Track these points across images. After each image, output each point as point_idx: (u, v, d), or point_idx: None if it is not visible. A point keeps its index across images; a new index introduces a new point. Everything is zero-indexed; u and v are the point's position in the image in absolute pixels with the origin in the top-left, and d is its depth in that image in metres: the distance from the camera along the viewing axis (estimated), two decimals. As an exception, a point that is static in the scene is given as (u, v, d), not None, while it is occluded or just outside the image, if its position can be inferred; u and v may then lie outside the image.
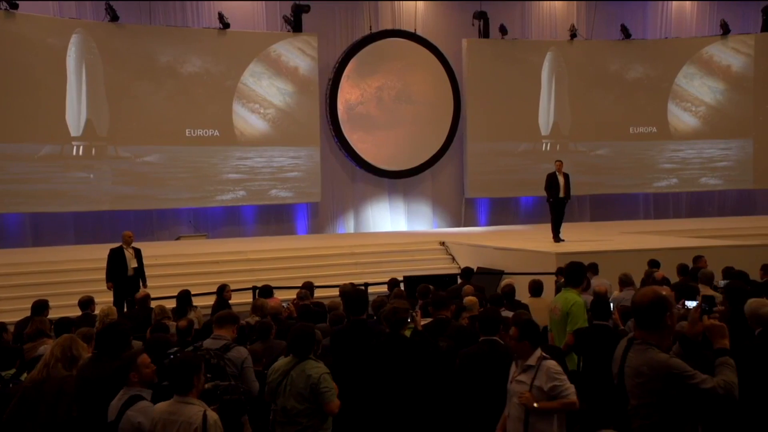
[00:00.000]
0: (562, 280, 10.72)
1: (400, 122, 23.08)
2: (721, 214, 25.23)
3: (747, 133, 24.87)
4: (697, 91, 24.84)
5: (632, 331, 6.42)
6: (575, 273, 7.40)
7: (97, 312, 9.84)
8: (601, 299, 7.17)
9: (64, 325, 7.98)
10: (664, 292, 4.06)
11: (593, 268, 11.82)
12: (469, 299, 8.56)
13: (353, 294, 6.55)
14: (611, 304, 7.59)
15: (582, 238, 16.69)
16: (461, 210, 24.05)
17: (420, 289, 9.51)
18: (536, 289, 9.94)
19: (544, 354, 5.23)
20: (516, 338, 5.21)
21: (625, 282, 10.03)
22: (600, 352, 6.24)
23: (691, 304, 6.18)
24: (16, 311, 12.11)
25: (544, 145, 24.05)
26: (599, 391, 6.00)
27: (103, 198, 19.99)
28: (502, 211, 24.39)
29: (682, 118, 24.88)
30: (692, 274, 10.70)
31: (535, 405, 5.05)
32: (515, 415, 5.15)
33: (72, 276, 14.67)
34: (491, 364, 5.73)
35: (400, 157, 23.11)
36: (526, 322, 5.29)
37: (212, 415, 4.52)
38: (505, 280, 10.78)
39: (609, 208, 24.96)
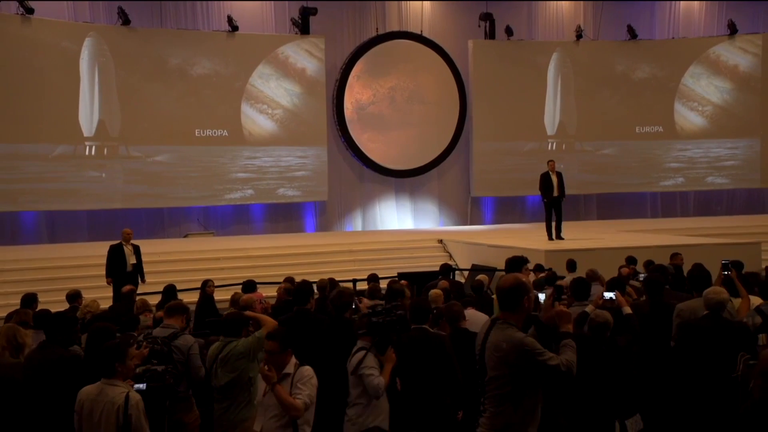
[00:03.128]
0: (540, 276, 11.23)
1: (408, 122, 23.40)
2: (729, 212, 25.24)
3: (754, 132, 24.92)
4: (704, 91, 24.90)
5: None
6: (514, 266, 7.75)
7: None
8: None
9: (44, 317, 8.34)
10: (523, 279, 4.48)
11: (571, 265, 12.15)
12: (434, 292, 8.86)
13: (299, 285, 6.98)
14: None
15: (577, 236, 16.91)
16: (467, 209, 24.32)
17: (390, 284, 9.86)
18: (505, 284, 10.23)
19: (298, 361, 5.28)
20: (278, 351, 5.17)
21: (591, 277, 10.26)
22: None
23: (608, 295, 6.58)
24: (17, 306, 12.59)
25: (550, 144, 24.26)
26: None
27: (115, 196, 20.59)
28: (508, 210, 24.64)
29: (688, 117, 24.95)
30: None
31: (273, 377, 5.05)
32: (276, 426, 5.14)
33: (75, 272, 15.11)
34: (420, 349, 6.10)
35: (407, 156, 23.44)
36: (283, 332, 5.34)
37: (134, 396, 4.92)
38: (479, 276, 11.09)
39: (616, 207, 25.08)
